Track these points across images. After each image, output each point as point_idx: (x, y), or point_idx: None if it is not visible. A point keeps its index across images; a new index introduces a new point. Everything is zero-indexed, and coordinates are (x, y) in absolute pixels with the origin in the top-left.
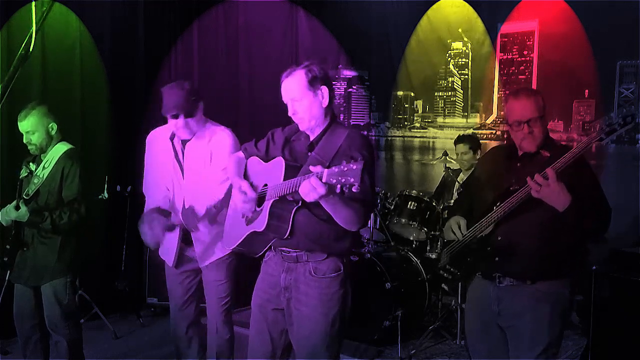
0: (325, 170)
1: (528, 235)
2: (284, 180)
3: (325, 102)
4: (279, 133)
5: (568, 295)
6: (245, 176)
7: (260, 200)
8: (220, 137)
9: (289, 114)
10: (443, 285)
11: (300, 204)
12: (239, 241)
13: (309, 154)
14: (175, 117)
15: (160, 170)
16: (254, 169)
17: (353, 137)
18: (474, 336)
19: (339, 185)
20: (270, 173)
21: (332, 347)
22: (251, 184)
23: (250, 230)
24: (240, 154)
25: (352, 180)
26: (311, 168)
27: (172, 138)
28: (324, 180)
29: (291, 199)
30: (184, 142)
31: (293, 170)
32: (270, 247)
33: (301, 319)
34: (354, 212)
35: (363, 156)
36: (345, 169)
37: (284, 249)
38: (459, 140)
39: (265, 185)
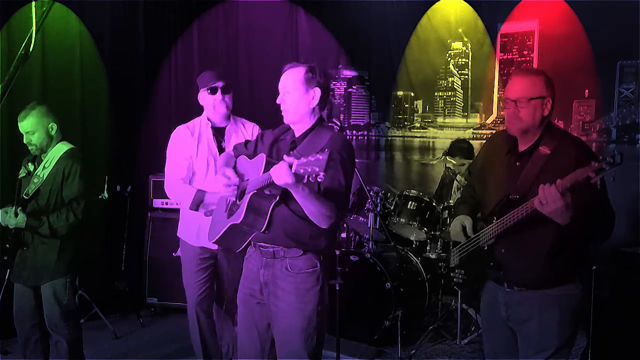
0: (295, 160)
1: (531, 248)
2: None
3: (314, 103)
4: (268, 134)
5: (580, 295)
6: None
7: (242, 195)
8: (253, 128)
9: (277, 101)
10: (455, 287)
11: (277, 199)
12: (220, 234)
13: (291, 152)
14: (225, 91)
15: (193, 159)
16: (242, 167)
17: (335, 139)
18: (486, 337)
19: (306, 175)
20: (253, 168)
21: (309, 343)
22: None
23: (230, 223)
24: (230, 152)
25: (317, 169)
26: (285, 158)
27: (211, 126)
28: (293, 170)
29: (268, 192)
30: (218, 130)
31: (272, 166)
32: (250, 243)
33: (278, 314)
34: (324, 208)
35: (341, 157)
36: (313, 159)
37: (262, 244)
38: (451, 154)
39: (247, 180)
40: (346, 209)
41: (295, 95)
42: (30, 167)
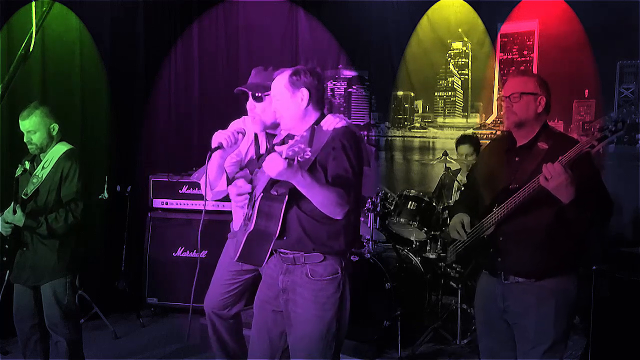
0: (284, 147)
1: (529, 235)
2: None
3: (304, 104)
4: (279, 144)
5: (575, 291)
6: (252, 193)
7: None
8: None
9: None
10: (451, 282)
11: (287, 199)
12: (240, 249)
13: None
14: (257, 99)
15: (241, 157)
16: (257, 180)
17: (338, 130)
18: (481, 331)
19: (296, 157)
20: (263, 176)
21: (326, 351)
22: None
23: (246, 234)
24: (246, 171)
25: (302, 146)
26: (276, 148)
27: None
28: (283, 156)
29: (275, 193)
30: (270, 137)
31: None
32: (272, 254)
33: (297, 321)
34: (333, 195)
35: (342, 144)
36: (298, 138)
37: (282, 250)
38: (462, 141)
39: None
40: (359, 196)
41: (284, 101)
42: (27, 165)
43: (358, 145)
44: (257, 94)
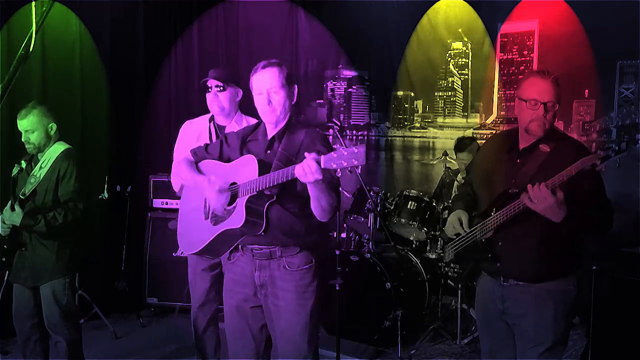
0: (322, 156)
1: (529, 240)
2: (260, 175)
3: (294, 99)
4: (232, 136)
5: (574, 291)
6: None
7: (231, 199)
8: None
9: (261, 101)
10: (449, 281)
11: (274, 199)
12: (207, 242)
13: (277, 149)
14: (221, 89)
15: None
16: (213, 171)
17: (312, 134)
18: (481, 331)
19: (339, 169)
20: (239, 171)
21: (311, 339)
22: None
23: (223, 229)
24: (190, 157)
25: (355, 162)
26: (307, 155)
27: (210, 120)
28: (323, 166)
29: (268, 192)
30: (220, 128)
31: (266, 166)
32: (236, 247)
33: (280, 313)
34: (332, 199)
35: (328, 151)
36: (346, 152)
37: (255, 246)
38: (460, 148)
39: (234, 183)
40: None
41: (282, 94)
42: (23, 164)
43: (331, 148)
44: (219, 88)
